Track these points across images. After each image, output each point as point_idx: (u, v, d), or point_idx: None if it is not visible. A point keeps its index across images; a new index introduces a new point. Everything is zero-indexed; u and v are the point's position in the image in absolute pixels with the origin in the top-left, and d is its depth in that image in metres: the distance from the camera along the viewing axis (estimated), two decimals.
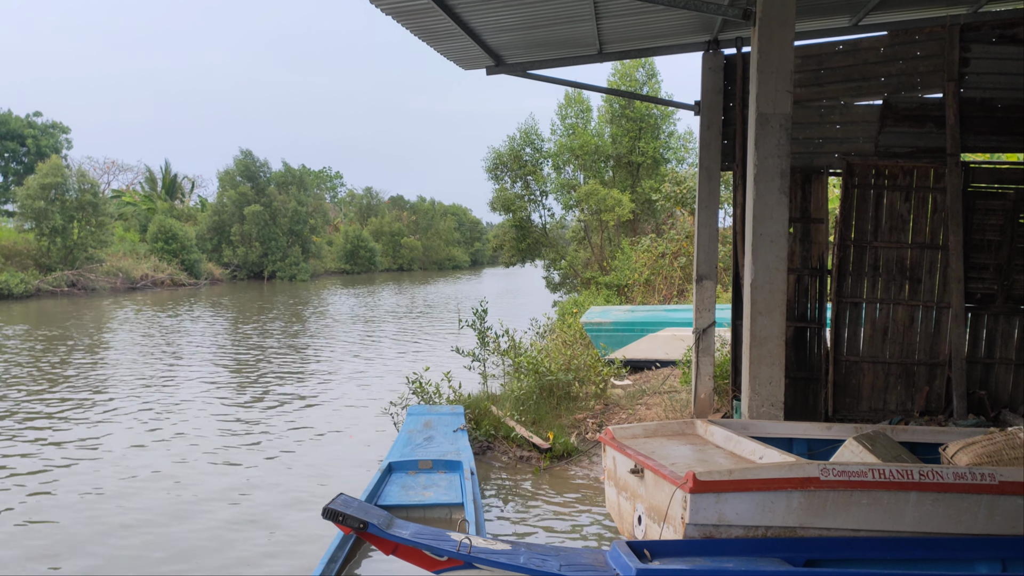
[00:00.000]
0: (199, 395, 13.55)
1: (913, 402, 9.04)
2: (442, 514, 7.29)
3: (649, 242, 24.23)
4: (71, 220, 39.73)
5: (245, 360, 17.75)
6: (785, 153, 6.73)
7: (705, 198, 10.15)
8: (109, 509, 7.93)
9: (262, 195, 54.68)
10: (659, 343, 14.45)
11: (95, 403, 12.78)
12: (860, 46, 9.06)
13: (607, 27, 9.31)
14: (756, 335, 6.86)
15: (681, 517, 4.81)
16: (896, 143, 9.00)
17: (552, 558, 4.62)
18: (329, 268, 64.40)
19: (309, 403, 13.04)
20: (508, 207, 31.03)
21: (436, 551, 4.53)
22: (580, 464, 9.25)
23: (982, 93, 8.83)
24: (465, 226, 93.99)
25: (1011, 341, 8.96)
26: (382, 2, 7.89)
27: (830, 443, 6.46)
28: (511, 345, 12.06)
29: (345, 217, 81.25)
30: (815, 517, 4.82)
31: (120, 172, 66.45)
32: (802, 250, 9.16)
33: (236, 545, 7.02)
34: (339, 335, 22.99)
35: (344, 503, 4.63)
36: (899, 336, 9.05)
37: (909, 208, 8.97)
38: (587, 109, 33.37)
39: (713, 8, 7.07)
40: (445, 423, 9.53)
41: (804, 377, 9.20)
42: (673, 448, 6.19)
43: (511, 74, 10.48)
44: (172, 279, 44.61)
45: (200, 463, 9.56)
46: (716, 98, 9.79)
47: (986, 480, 4.86)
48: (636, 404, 11.27)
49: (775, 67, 6.69)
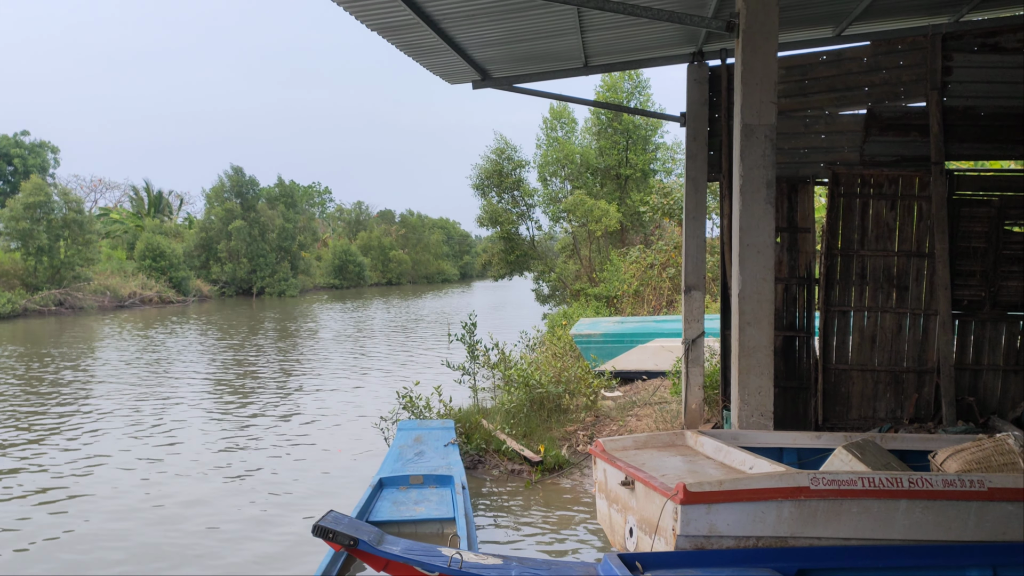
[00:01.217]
0: (186, 412, 13.47)
1: (902, 410, 9.06)
2: (433, 529, 7.25)
3: (638, 253, 24.29)
4: (57, 239, 39.56)
5: (233, 376, 17.68)
6: (770, 163, 6.76)
7: (692, 209, 10.18)
8: (93, 525, 7.86)
9: (251, 211, 54.59)
10: (649, 354, 14.47)
11: (84, 421, 12.69)
12: (844, 56, 9.12)
13: (592, 40, 9.35)
14: (745, 345, 6.87)
15: (672, 528, 4.81)
16: (881, 152, 9.05)
17: (543, 571, 4.61)
18: (318, 283, 64.30)
19: (298, 419, 12.98)
20: (496, 220, 31.08)
21: (427, 567, 4.50)
22: (571, 477, 9.23)
23: (965, 101, 8.89)
24: (454, 239, 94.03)
25: (999, 347, 9.00)
26: (369, 18, 7.92)
27: (820, 452, 6.47)
28: (501, 358, 12.05)
29: (334, 232, 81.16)
30: (806, 526, 4.82)
31: (107, 190, 66.32)
32: (789, 260, 9.20)
33: (224, 562, 6.97)
34: (328, 350, 22.93)
35: (334, 520, 4.60)
36: (887, 344, 9.09)
37: (895, 216, 9.02)
38: (572, 122, 33.49)
39: (697, 20, 7.10)
40: (436, 437, 9.50)
41: (793, 386, 9.22)
42: (663, 459, 6.19)
43: (497, 88, 10.52)
44: (160, 296, 44.44)
45: (186, 480, 9.50)
46: (702, 109, 9.84)
47: (975, 487, 4.87)
48: (626, 416, 11.26)
49: (759, 78, 6.72)
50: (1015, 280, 8.92)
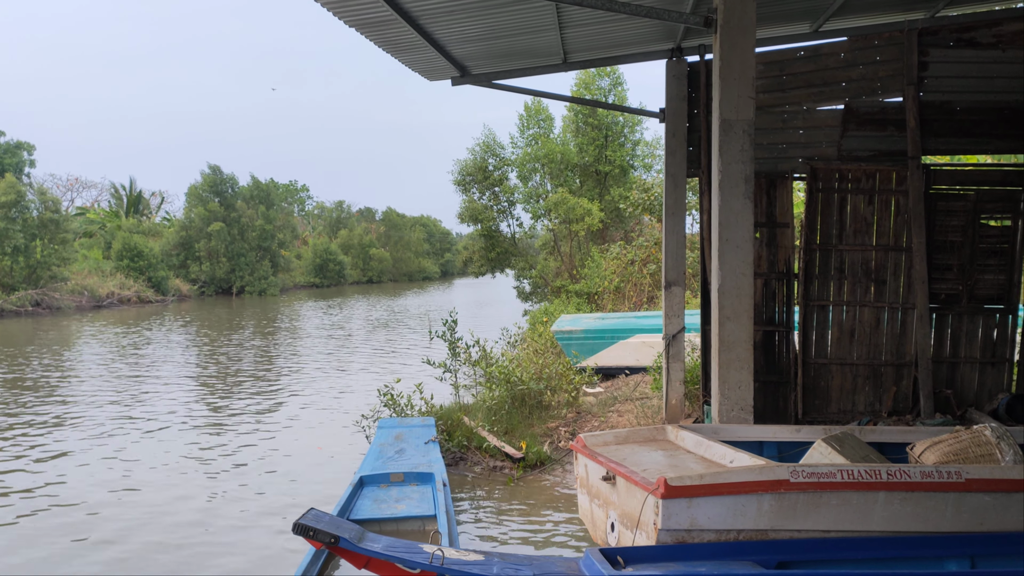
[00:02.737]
0: (164, 411, 13.37)
1: (881, 403, 9.13)
2: (415, 527, 7.24)
3: (618, 249, 24.33)
4: (34, 238, 39.14)
5: (212, 375, 17.57)
6: (749, 158, 6.79)
7: (672, 205, 10.20)
8: (74, 523, 7.79)
9: (230, 210, 54.24)
10: (630, 350, 14.50)
11: (62, 418, 12.58)
12: (821, 52, 9.17)
13: (571, 37, 9.35)
14: (724, 340, 6.90)
15: (653, 523, 4.82)
16: (858, 147, 9.11)
17: (525, 567, 4.60)
18: (298, 282, 63.96)
19: (279, 418, 12.92)
20: (477, 218, 31.05)
21: (408, 564, 4.49)
22: (553, 473, 9.24)
23: (941, 96, 8.96)
24: (435, 237, 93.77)
25: (975, 340, 9.09)
26: (347, 15, 7.89)
27: (800, 445, 6.50)
28: (482, 355, 12.04)
29: (314, 230, 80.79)
30: (786, 519, 4.85)
31: (84, 189, 65.70)
32: (769, 254, 9.24)
33: (205, 562, 6.92)
34: (309, 349, 22.83)
35: (315, 518, 4.58)
36: (866, 338, 9.15)
37: (873, 211, 9.08)
38: (548, 119, 33.47)
39: (675, 16, 7.12)
40: (416, 435, 9.49)
41: (773, 380, 9.27)
42: (645, 454, 6.20)
43: (476, 84, 10.50)
44: (139, 296, 44.05)
45: (166, 479, 9.43)
46: (680, 105, 9.86)
47: (953, 478, 4.91)
48: (608, 411, 11.28)
49: (737, 74, 6.75)
50: (991, 273, 9.00)
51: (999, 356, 9.08)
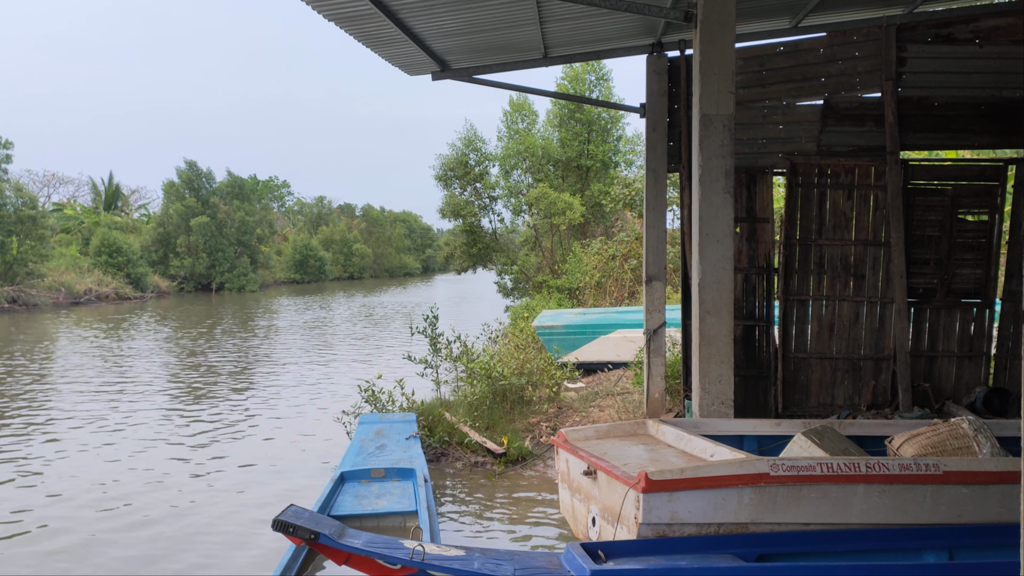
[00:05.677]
0: (143, 407, 13.27)
1: (860, 396, 9.19)
2: (396, 523, 7.22)
3: (599, 245, 24.36)
4: (9, 235, 38.73)
5: (192, 371, 17.45)
6: (729, 153, 6.80)
7: (653, 200, 10.22)
8: (49, 522, 7.72)
9: (207, 206, 53.87)
10: (611, 345, 14.52)
11: (38, 419, 12.46)
12: (800, 47, 9.20)
13: (551, 31, 9.33)
14: (705, 334, 6.91)
15: (634, 517, 4.82)
16: (838, 142, 9.15)
17: (506, 562, 4.60)
18: (278, 278, 63.68)
19: (259, 414, 12.85)
20: (458, 213, 31.00)
21: (389, 559, 4.48)
22: (534, 468, 9.24)
23: (919, 92, 9.01)
24: (416, 233, 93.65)
25: (953, 334, 9.16)
26: (325, 8, 7.83)
27: (780, 439, 6.53)
28: (463, 351, 12.02)
29: (295, 226, 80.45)
30: (766, 512, 4.87)
31: (61, 185, 65.00)
32: (749, 249, 9.27)
33: (183, 560, 6.88)
34: (289, 345, 22.73)
35: (295, 514, 4.55)
36: (845, 332, 9.20)
37: (852, 206, 9.12)
38: (533, 114, 33.48)
39: (655, 11, 7.12)
40: (397, 431, 9.46)
41: (754, 375, 9.31)
42: (626, 449, 6.21)
43: (457, 79, 10.47)
44: (117, 293, 43.69)
45: (144, 476, 9.35)
46: (661, 100, 9.87)
47: (931, 470, 4.95)
48: (589, 406, 11.30)
49: (717, 69, 6.76)
50: (968, 268, 9.07)
51: (976, 350, 9.15)
